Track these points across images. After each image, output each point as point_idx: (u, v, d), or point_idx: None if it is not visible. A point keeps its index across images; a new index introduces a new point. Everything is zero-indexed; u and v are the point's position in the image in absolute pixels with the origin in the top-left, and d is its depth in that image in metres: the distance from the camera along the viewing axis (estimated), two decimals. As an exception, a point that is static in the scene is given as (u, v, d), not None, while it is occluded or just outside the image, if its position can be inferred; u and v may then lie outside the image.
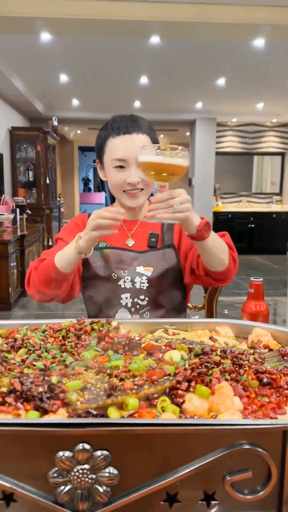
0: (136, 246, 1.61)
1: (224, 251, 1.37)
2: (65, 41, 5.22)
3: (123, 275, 1.55)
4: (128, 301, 1.55)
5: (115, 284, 1.55)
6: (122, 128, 1.52)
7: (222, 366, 0.89)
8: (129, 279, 1.55)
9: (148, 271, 1.55)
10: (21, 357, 0.92)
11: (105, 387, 0.79)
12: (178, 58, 5.91)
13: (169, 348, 0.97)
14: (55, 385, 0.78)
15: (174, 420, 0.70)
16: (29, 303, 5.90)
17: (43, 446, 0.68)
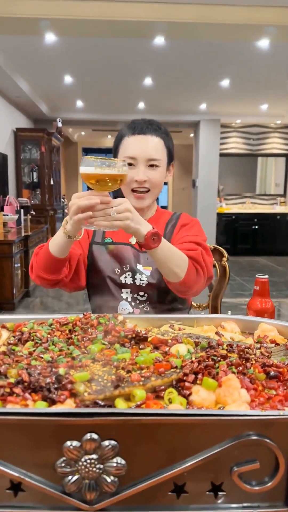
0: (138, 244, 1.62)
1: (180, 265, 1.37)
2: (69, 42, 5.24)
3: (124, 270, 1.60)
4: (128, 296, 1.60)
5: (117, 279, 1.60)
6: (137, 128, 1.58)
7: (229, 359, 0.89)
8: (130, 275, 1.59)
9: (147, 270, 1.59)
10: (28, 349, 0.92)
11: (112, 378, 0.79)
12: (182, 59, 5.91)
13: (175, 342, 0.97)
14: (62, 376, 0.79)
15: (181, 410, 0.71)
16: (33, 304, 5.91)
17: (51, 436, 0.68)
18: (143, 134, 1.58)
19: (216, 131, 9.98)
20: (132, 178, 1.56)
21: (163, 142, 1.61)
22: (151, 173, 1.57)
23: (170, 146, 1.66)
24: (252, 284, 1.57)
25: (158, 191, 1.64)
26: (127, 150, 1.58)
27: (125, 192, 1.62)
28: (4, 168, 7.52)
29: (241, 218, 10.21)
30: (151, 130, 1.59)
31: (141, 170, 1.56)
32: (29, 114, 9.31)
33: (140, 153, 1.56)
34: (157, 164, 1.58)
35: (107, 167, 1.17)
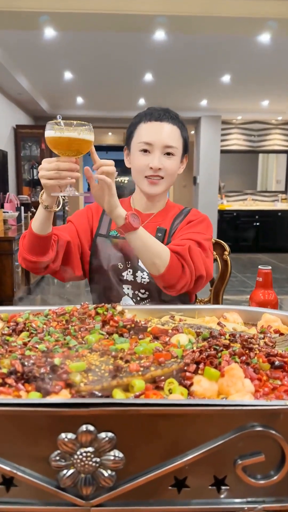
0: None
1: (160, 256, 1.35)
2: (69, 38, 5.20)
3: (127, 266, 1.56)
4: (129, 292, 1.56)
5: (119, 274, 1.56)
6: (154, 115, 1.55)
7: (231, 349, 0.85)
8: (131, 272, 1.56)
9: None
10: (23, 340, 0.88)
11: (109, 368, 0.76)
12: (183, 55, 5.87)
13: (176, 332, 0.94)
14: (58, 366, 0.75)
15: (182, 401, 0.67)
16: (34, 301, 5.88)
17: (45, 428, 0.65)
18: (160, 121, 1.54)
19: (217, 127, 9.93)
20: (147, 164, 1.52)
21: (179, 132, 1.58)
22: (166, 161, 1.54)
23: (186, 137, 1.62)
24: (254, 280, 1.54)
25: (172, 181, 1.60)
26: (143, 136, 1.54)
27: (138, 179, 1.58)
28: (4, 165, 7.49)
29: (242, 215, 10.16)
30: (168, 118, 1.55)
31: (157, 156, 1.52)
32: (29, 111, 9.27)
33: (156, 139, 1.52)
34: (173, 153, 1.54)
35: (68, 130, 1.14)
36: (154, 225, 1.61)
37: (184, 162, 1.65)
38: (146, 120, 1.56)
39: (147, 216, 1.64)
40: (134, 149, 1.57)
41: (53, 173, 1.20)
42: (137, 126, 1.58)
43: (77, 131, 1.14)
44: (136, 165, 1.57)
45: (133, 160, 1.59)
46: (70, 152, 1.18)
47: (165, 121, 1.54)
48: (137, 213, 1.58)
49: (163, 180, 1.56)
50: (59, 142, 1.16)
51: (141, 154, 1.54)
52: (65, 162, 1.19)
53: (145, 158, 1.53)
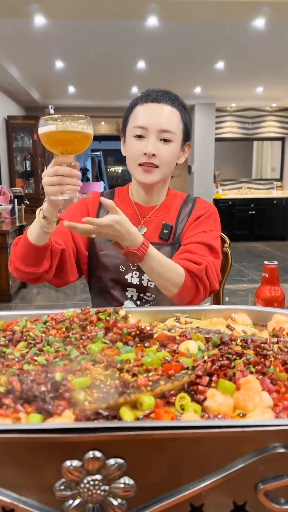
0: (148, 235, 1.49)
1: (172, 279, 1.28)
2: (59, 26, 5.07)
3: (131, 269, 1.46)
4: (134, 294, 1.47)
5: (122, 277, 1.46)
6: (151, 96, 1.41)
7: (245, 357, 0.79)
8: (137, 274, 1.45)
9: None
10: (21, 351, 0.82)
11: (116, 384, 0.70)
12: (176, 42, 5.75)
13: (184, 338, 0.88)
14: (59, 382, 0.69)
15: (197, 422, 0.61)
16: (30, 295, 5.81)
17: (48, 455, 0.59)
18: (158, 102, 1.40)
19: (211, 115, 9.82)
20: (140, 150, 1.39)
21: (179, 115, 1.43)
22: (162, 147, 1.39)
23: (187, 122, 1.47)
24: (250, 269, 1.50)
25: (169, 170, 1.46)
26: (137, 119, 1.41)
27: (132, 167, 1.44)
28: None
29: (237, 204, 10.09)
30: (167, 99, 1.41)
31: (151, 141, 1.38)
32: (21, 102, 9.12)
33: (151, 122, 1.38)
34: (170, 138, 1.40)
35: (64, 124, 1.04)
36: (158, 220, 1.51)
37: (185, 151, 1.52)
38: (142, 102, 1.42)
39: (149, 210, 1.52)
40: (129, 134, 1.44)
41: (55, 179, 1.11)
42: (132, 109, 1.45)
43: (75, 125, 1.05)
44: (130, 152, 1.43)
45: (127, 147, 1.46)
46: (68, 150, 1.09)
47: (163, 102, 1.40)
48: (138, 208, 1.52)
49: (157, 170, 1.41)
50: (56, 139, 1.07)
51: (135, 139, 1.41)
52: (65, 167, 1.10)
53: (139, 143, 1.40)
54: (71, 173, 1.11)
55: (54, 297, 5.68)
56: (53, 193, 1.12)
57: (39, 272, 1.31)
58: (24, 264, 1.29)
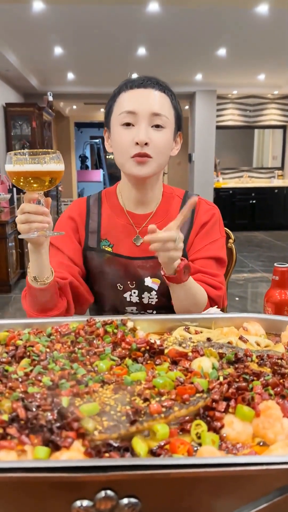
0: (145, 245, 1.36)
1: (198, 305, 1.24)
2: (58, 11, 4.95)
3: (130, 287, 1.37)
4: (134, 310, 1.41)
5: (121, 295, 1.38)
6: (136, 81, 1.27)
7: (263, 378, 0.75)
8: (136, 293, 1.37)
9: (155, 284, 1.36)
10: (24, 369, 0.77)
11: (127, 410, 0.65)
12: (177, 28, 5.63)
13: (197, 354, 0.83)
14: (66, 409, 0.64)
15: (217, 459, 0.56)
16: (29, 285, 5.76)
17: (57, 495, 0.54)
18: (144, 87, 1.26)
19: (212, 102, 9.68)
20: (131, 140, 1.23)
21: (170, 100, 1.29)
22: (155, 134, 1.24)
23: (178, 108, 1.33)
24: (251, 259, 1.47)
25: (163, 161, 1.30)
26: (124, 105, 1.25)
27: (122, 161, 1.28)
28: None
29: (238, 193, 10.00)
30: (154, 84, 1.27)
31: (142, 128, 1.22)
32: (19, 89, 8.98)
33: (140, 106, 1.23)
34: (163, 124, 1.25)
35: (29, 161, 1.00)
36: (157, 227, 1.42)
37: (178, 141, 1.37)
38: (127, 88, 1.27)
39: (145, 217, 1.39)
40: (115, 124, 1.28)
41: (22, 217, 1.07)
42: (116, 98, 1.29)
43: (41, 161, 1.00)
44: (118, 143, 1.27)
45: (114, 138, 1.29)
46: (36, 188, 1.05)
47: (150, 87, 1.26)
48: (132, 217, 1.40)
49: (152, 161, 1.25)
50: (22, 177, 1.03)
51: (123, 128, 1.25)
52: (31, 205, 1.06)
53: (128, 132, 1.24)
54: (36, 210, 1.06)
55: (54, 288, 5.63)
56: (23, 231, 1.09)
57: (60, 313, 1.26)
58: (41, 312, 1.23)
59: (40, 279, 1.18)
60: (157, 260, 1.33)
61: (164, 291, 1.37)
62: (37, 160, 1.00)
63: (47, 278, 1.19)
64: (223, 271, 1.40)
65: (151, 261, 1.35)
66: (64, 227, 1.41)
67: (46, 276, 1.19)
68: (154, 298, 1.38)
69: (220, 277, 1.35)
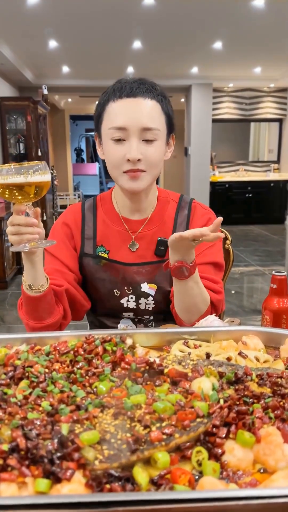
0: (141, 251, 1.38)
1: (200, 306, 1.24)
2: (53, 3, 4.89)
3: (127, 293, 1.37)
4: (131, 315, 1.41)
5: (117, 301, 1.38)
6: (125, 90, 1.23)
7: (264, 401, 0.74)
8: (133, 298, 1.37)
9: (152, 289, 1.37)
10: (23, 392, 0.77)
11: (127, 438, 0.65)
12: (173, 21, 5.59)
13: (196, 374, 0.82)
14: (66, 438, 0.64)
15: (220, 493, 0.56)
16: (25, 281, 5.74)
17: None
18: (133, 97, 1.22)
19: (208, 95, 9.62)
20: (122, 156, 1.23)
21: (160, 107, 1.26)
22: (147, 149, 1.23)
23: (170, 112, 1.30)
24: (247, 254, 1.48)
25: (157, 172, 1.29)
26: (114, 120, 1.23)
27: (115, 175, 1.28)
28: (-11, 140, 7.21)
29: (234, 187, 9.98)
30: (144, 91, 1.22)
31: (134, 145, 1.21)
32: (13, 82, 8.90)
33: (130, 122, 1.20)
34: (154, 137, 1.23)
35: (12, 175, 1.00)
36: (151, 233, 1.39)
37: (171, 144, 1.36)
38: (115, 97, 1.23)
39: (140, 223, 1.39)
40: (106, 137, 1.27)
41: (12, 229, 1.07)
42: (105, 106, 1.26)
43: (25, 173, 1.01)
44: (111, 158, 1.26)
45: (106, 151, 1.28)
46: (22, 200, 1.05)
47: (140, 95, 1.22)
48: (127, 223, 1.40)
49: (145, 174, 1.25)
50: (5, 189, 1.03)
51: (113, 143, 1.24)
52: (20, 216, 1.06)
53: (119, 148, 1.23)
54: (26, 222, 1.06)
55: (50, 284, 5.62)
56: (15, 243, 1.09)
57: (56, 321, 1.26)
58: (38, 320, 1.24)
59: (35, 287, 1.19)
60: (153, 266, 1.34)
61: (161, 297, 1.38)
62: (22, 171, 1.01)
63: (42, 285, 1.19)
64: (221, 275, 1.40)
65: (147, 266, 1.36)
66: (58, 234, 1.41)
67: (41, 283, 1.19)
68: (151, 303, 1.38)
69: (219, 283, 1.36)
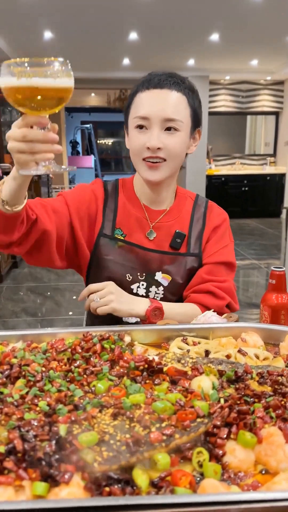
0: (157, 241, 1.38)
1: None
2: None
3: (139, 279, 1.36)
4: None
5: (127, 287, 1.36)
6: (153, 81, 1.26)
7: (264, 400, 0.73)
8: (144, 285, 1.37)
9: (165, 279, 1.37)
10: (20, 392, 0.75)
11: (126, 439, 0.63)
12: (170, 12, 5.54)
13: (196, 372, 0.81)
14: (64, 439, 0.63)
15: (222, 496, 0.55)
16: (21, 275, 5.73)
17: (55, 535, 0.53)
18: (160, 88, 1.25)
19: (205, 88, 9.57)
20: (143, 144, 1.25)
21: (186, 100, 1.27)
22: (167, 139, 1.25)
23: (196, 106, 1.31)
24: (243, 247, 1.49)
25: (177, 163, 1.32)
26: (139, 109, 1.26)
27: (136, 163, 1.32)
28: (-16, 132, 7.15)
29: (230, 180, 9.97)
30: (171, 84, 1.25)
31: (155, 133, 1.23)
32: (8, 73, 8.80)
33: (153, 111, 1.23)
34: (176, 127, 1.25)
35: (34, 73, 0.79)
36: (169, 225, 1.40)
37: (196, 138, 1.37)
38: (143, 88, 1.27)
39: (159, 213, 1.40)
40: (131, 126, 1.30)
41: (24, 146, 0.88)
42: (133, 97, 1.30)
43: (49, 74, 0.81)
44: (132, 145, 1.30)
45: (129, 139, 1.32)
46: (41, 106, 0.84)
47: (166, 87, 1.25)
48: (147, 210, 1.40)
49: (164, 164, 1.28)
50: (23, 93, 0.81)
51: (137, 131, 1.27)
52: (37, 131, 0.88)
53: (141, 136, 1.26)
54: (45, 138, 0.88)
55: (46, 278, 5.61)
56: (24, 164, 0.90)
57: (13, 239, 1.13)
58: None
59: (10, 206, 1.03)
60: (170, 256, 1.37)
61: (172, 288, 1.39)
62: (48, 73, 0.80)
63: (15, 207, 1.04)
64: (233, 275, 1.43)
65: (165, 256, 1.38)
66: (83, 196, 1.38)
67: (17, 205, 1.04)
68: (161, 293, 1.39)
69: (229, 282, 1.39)
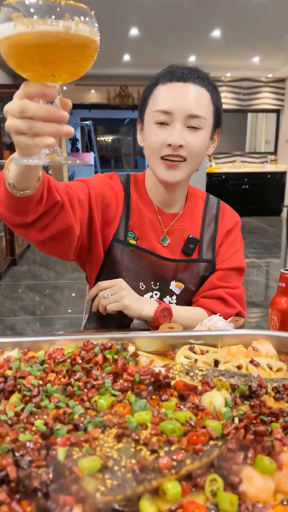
0: (171, 247, 1.31)
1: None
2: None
3: (153, 288, 1.30)
4: None
5: (139, 295, 1.25)
6: (176, 74, 1.15)
7: (283, 419, 0.67)
8: (158, 295, 1.31)
9: (178, 288, 1.31)
10: (15, 408, 0.69)
11: (132, 466, 0.57)
12: (171, 8, 5.47)
13: (206, 387, 0.75)
14: (63, 465, 0.56)
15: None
16: (19, 273, 5.66)
17: None
18: (183, 82, 1.14)
19: (206, 85, 9.49)
20: (163, 141, 1.15)
21: (210, 96, 1.18)
22: (190, 136, 1.16)
23: (219, 105, 1.23)
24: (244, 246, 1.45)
25: (197, 164, 1.23)
26: (160, 102, 1.15)
27: (152, 161, 1.20)
28: (-17, 129, 7.07)
29: (231, 178, 9.90)
30: (195, 78, 1.15)
31: (177, 129, 1.14)
32: (7, 69, 8.72)
33: (176, 105, 1.13)
34: (199, 126, 1.16)
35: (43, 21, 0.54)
36: (181, 229, 1.33)
37: (215, 139, 1.29)
38: (164, 80, 1.16)
39: (172, 217, 1.33)
40: (148, 120, 1.19)
41: (21, 123, 0.65)
42: (152, 90, 1.19)
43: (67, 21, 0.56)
44: (150, 141, 1.19)
45: (147, 135, 1.21)
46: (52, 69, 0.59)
47: (190, 81, 1.15)
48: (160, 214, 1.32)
49: (185, 163, 1.18)
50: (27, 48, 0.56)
51: (156, 127, 1.17)
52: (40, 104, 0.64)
53: (161, 132, 1.16)
54: (49, 115, 0.64)
55: (45, 276, 5.54)
56: (24, 149, 0.69)
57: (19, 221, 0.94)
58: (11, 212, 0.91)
59: (18, 190, 0.84)
60: (183, 264, 1.31)
61: (185, 296, 1.34)
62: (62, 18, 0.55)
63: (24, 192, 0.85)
64: (242, 279, 1.40)
65: (181, 264, 1.31)
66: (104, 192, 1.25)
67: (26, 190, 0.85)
68: (174, 302, 1.33)
69: (240, 288, 1.36)
